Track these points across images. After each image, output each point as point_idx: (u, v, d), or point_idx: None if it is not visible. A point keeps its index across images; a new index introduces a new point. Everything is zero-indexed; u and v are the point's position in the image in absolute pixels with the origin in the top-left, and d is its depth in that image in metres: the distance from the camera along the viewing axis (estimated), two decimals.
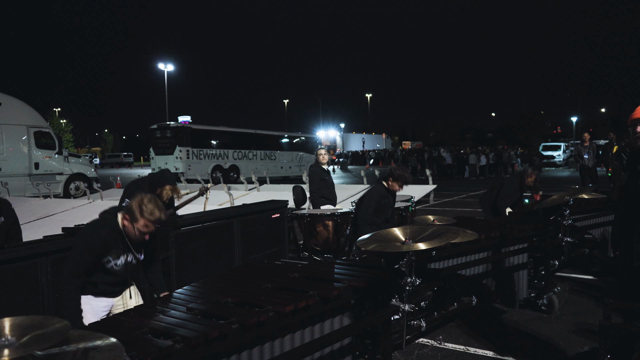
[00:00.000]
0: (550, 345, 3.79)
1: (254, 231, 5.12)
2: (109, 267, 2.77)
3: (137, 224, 2.69)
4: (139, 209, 2.68)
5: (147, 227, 2.70)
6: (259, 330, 2.13)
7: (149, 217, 2.67)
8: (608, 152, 12.14)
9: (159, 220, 2.71)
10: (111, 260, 2.76)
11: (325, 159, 6.63)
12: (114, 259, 2.77)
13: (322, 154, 6.65)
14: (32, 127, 15.26)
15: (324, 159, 6.60)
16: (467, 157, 26.23)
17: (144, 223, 2.68)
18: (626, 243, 2.94)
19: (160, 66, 37.76)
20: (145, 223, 2.68)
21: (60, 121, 54.67)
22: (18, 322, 1.61)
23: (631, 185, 2.97)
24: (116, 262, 2.78)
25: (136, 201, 2.71)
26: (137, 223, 2.69)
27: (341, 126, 69.12)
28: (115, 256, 2.77)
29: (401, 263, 3.05)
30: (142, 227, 2.70)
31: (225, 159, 24.48)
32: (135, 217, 2.69)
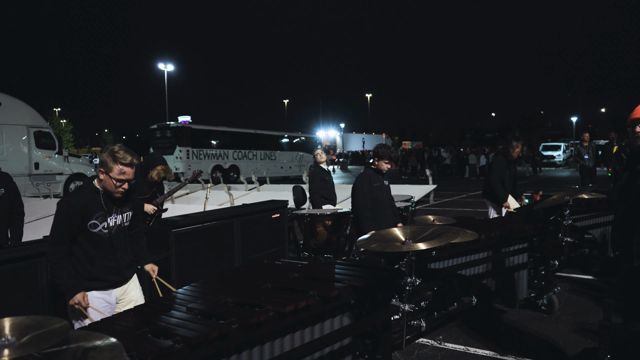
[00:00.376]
0: (550, 345, 3.79)
1: (254, 231, 5.13)
2: (97, 231, 2.74)
3: (112, 173, 2.69)
4: (111, 156, 2.69)
5: (123, 174, 2.70)
6: (259, 330, 2.13)
7: (123, 161, 2.69)
8: (608, 152, 12.15)
9: (132, 163, 2.72)
10: (98, 225, 2.74)
11: (323, 158, 6.63)
12: (100, 222, 2.74)
13: (319, 154, 6.66)
14: (32, 127, 15.26)
15: (321, 158, 6.61)
16: (467, 157, 26.24)
17: (119, 169, 2.69)
18: (626, 243, 2.94)
19: (160, 66, 37.74)
20: (120, 169, 2.69)
21: (60, 121, 54.65)
22: (18, 322, 1.61)
23: (631, 185, 2.97)
24: (103, 225, 2.76)
25: (107, 151, 2.72)
26: (112, 171, 2.69)
27: (341, 126, 69.14)
28: (100, 219, 2.75)
29: (401, 263, 3.05)
30: (118, 174, 2.70)
31: (225, 159, 24.48)
32: (109, 166, 2.69)
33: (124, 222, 2.91)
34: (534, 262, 4.57)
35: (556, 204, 4.54)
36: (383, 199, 4.84)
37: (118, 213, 2.85)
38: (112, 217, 2.81)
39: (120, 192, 2.77)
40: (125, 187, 2.77)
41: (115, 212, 2.84)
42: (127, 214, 2.93)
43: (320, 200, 6.38)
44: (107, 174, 2.72)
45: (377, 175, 4.85)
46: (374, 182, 4.79)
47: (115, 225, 2.84)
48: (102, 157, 2.74)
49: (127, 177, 2.74)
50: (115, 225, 2.83)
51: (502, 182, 5.93)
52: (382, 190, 4.87)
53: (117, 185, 2.73)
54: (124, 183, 2.75)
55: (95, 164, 22.32)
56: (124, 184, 2.75)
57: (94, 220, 2.73)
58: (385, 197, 4.88)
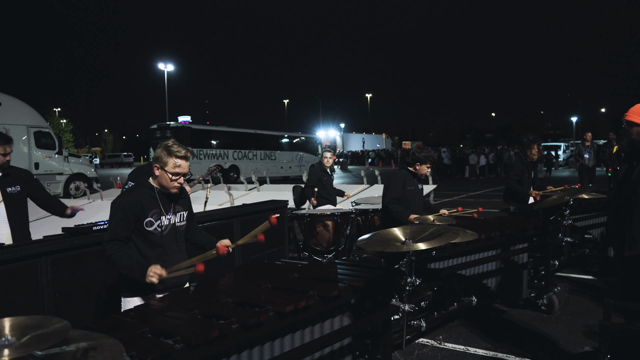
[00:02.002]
0: (550, 345, 3.79)
1: None
2: (152, 229, 2.69)
3: (167, 167, 2.67)
4: (165, 150, 2.68)
5: (178, 167, 2.68)
6: (259, 330, 2.13)
7: (178, 154, 2.67)
8: (607, 152, 12.15)
9: (187, 156, 2.71)
10: (153, 222, 2.69)
11: (329, 163, 6.53)
12: (155, 220, 2.70)
13: (327, 157, 6.54)
14: (32, 127, 15.26)
15: (328, 163, 6.51)
16: (467, 157, 26.24)
17: (173, 163, 2.67)
18: (618, 234, 3.01)
19: (160, 66, 37.77)
20: (175, 162, 2.67)
21: (60, 121, 54.68)
22: (18, 322, 1.61)
23: (626, 179, 3.05)
24: (159, 224, 2.71)
25: (161, 147, 2.71)
26: (168, 165, 2.67)
27: (341, 126, 69.16)
28: (156, 217, 2.71)
29: (401, 263, 3.05)
30: (173, 167, 2.67)
31: (225, 159, 24.49)
32: (164, 160, 2.67)
33: (178, 222, 2.84)
34: (534, 262, 4.58)
35: (556, 204, 4.54)
36: (414, 204, 4.59)
37: (173, 212, 2.80)
38: (167, 216, 2.76)
39: (176, 187, 2.73)
40: (181, 181, 2.74)
41: (171, 211, 2.79)
42: (182, 214, 2.88)
43: (311, 192, 6.33)
44: (162, 169, 2.69)
45: (412, 179, 4.61)
46: (409, 184, 4.56)
47: (170, 225, 2.79)
48: (157, 153, 2.71)
49: (182, 171, 2.72)
50: (169, 224, 2.78)
51: (519, 183, 5.89)
52: (415, 194, 4.65)
53: (173, 179, 2.69)
54: (179, 177, 2.72)
55: (95, 164, 22.33)
56: (180, 178, 2.72)
57: (150, 218, 2.69)
58: (417, 202, 4.63)
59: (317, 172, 6.46)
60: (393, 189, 4.51)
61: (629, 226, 2.92)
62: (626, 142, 3.02)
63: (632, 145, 3.00)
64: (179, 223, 2.85)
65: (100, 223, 3.75)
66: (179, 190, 2.77)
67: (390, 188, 4.54)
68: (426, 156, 4.55)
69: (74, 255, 3.43)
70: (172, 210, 2.80)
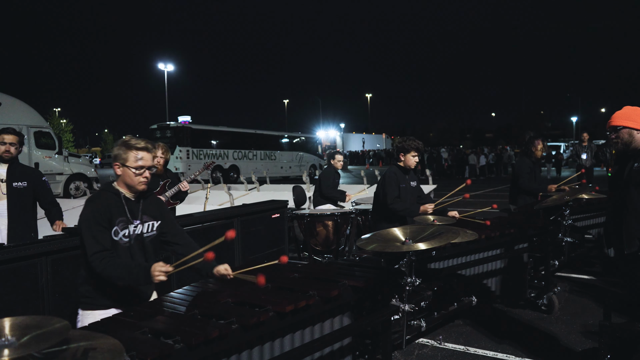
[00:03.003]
0: (550, 345, 3.79)
1: (254, 231, 5.13)
2: (117, 239, 2.47)
3: (129, 162, 2.46)
4: (123, 146, 2.48)
5: (140, 160, 2.47)
6: (259, 330, 2.13)
7: (137, 146, 2.48)
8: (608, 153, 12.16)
9: (147, 147, 2.51)
10: (119, 231, 2.46)
11: (340, 166, 6.51)
12: (121, 229, 2.47)
13: (340, 160, 6.51)
14: (32, 127, 15.25)
15: (340, 166, 6.50)
16: (467, 157, 26.25)
17: (134, 156, 2.46)
18: (616, 234, 3.08)
19: (160, 66, 37.77)
20: (136, 155, 2.47)
21: (60, 121, 54.67)
22: (18, 322, 1.61)
23: (619, 178, 3.10)
24: (124, 233, 2.48)
25: (117, 145, 2.51)
26: (129, 160, 2.46)
27: (341, 126, 69.14)
28: (122, 225, 2.48)
29: (401, 263, 3.06)
30: (135, 161, 2.46)
31: (225, 159, 24.49)
32: (124, 156, 2.47)
33: (146, 232, 2.59)
34: (534, 262, 4.57)
35: (556, 204, 4.54)
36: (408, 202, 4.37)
37: (141, 221, 2.56)
38: (134, 224, 2.53)
39: (142, 183, 2.51)
40: (147, 175, 2.52)
41: (139, 219, 2.55)
42: (151, 224, 2.61)
43: (342, 195, 6.31)
44: (124, 166, 2.48)
45: (403, 175, 4.39)
46: (401, 182, 4.33)
47: (134, 235, 2.54)
48: (114, 151, 2.51)
49: (145, 164, 2.49)
50: (134, 234, 2.54)
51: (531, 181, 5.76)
52: (408, 192, 4.39)
53: (137, 173, 2.47)
54: (144, 170, 2.50)
55: (95, 164, 22.34)
56: (144, 171, 2.50)
57: (116, 227, 2.47)
58: (410, 200, 4.41)
59: (331, 175, 6.44)
60: (390, 188, 4.27)
61: (626, 225, 2.96)
62: (621, 144, 3.08)
63: (626, 146, 3.05)
64: (147, 234, 2.59)
65: None
66: (146, 186, 2.55)
67: (387, 187, 4.30)
68: (409, 144, 4.30)
69: (74, 255, 3.43)
70: (141, 218, 2.56)
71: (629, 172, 3.01)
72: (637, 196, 2.95)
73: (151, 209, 2.63)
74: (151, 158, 2.53)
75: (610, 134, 3.12)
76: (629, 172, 3.01)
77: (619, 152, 3.12)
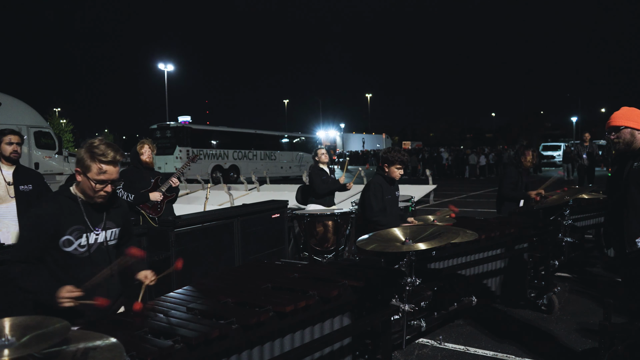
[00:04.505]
0: (550, 345, 3.79)
1: (254, 231, 5.13)
2: (71, 250, 2.23)
3: (90, 173, 2.21)
4: (88, 153, 2.21)
5: (103, 174, 2.22)
6: (259, 330, 2.13)
7: (102, 159, 2.20)
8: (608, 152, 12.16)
9: (115, 160, 2.24)
10: (73, 241, 2.23)
11: (326, 159, 6.32)
12: (76, 238, 2.24)
13: (323, 154, 6.29)
14: (32, 127, 15.25)
15: (325, 158, 6.29)
16: (467, 157, 26.26)
17: (98, 168, 2.21)
18: (616, 233, 3.10)
19: (160, 66, 37.76)
20: (100, 168, 2.21)
21: (60, 121, 54.62)
22: (18, 322, 1.61)
23: (618, 178, 3.11)
24: (80, 243, 2.24)
25: (84, 146, 2.24)
26: (91, 171, 2.21)
27: (341, 126, 69.14)
28: (77, 234, 2.24)
29: (401, 263, 3.06)
30: (97, 174, 2.21)
31: (225, 159, 24.49)
32: (86, 164, 2.21)
33: (109, 239, 2.39)
34: (534, 262, 4.57)
35: (556, 204, 4.54)
36: (392, 214, 4.29)
37: (102, 228, 2.34)
38: (93, 232, 2.31)
39: (101, 197, 2.27)
40: (108, 189, 2.27)
41: (99, 227, 2.33)
42: (114, 231, 2.41)
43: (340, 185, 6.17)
44: (84, 175, 2.23)
45: (389, 186, 4.29)
46: (387, 193, 4.23)
47: (96, 244, 2.31)
48: (79, 154, 2.25)
49: (108, 177, 2.24)
50: (95, 243, 2.31)
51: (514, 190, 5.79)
52: (393, 203, 4.32)
53: (97, 188, 2.23)
54: (105, 185, 2.25)
55: None
56: (106, 185, 2.25)
57: (68, 236, 2.23)
58: (394, 211, 4.34)
59: (317, 171, 6.32)
60: (376, 200, 4.15)
61: (627, 224, 2.98)
62: (622, 144, 3.08)
63: (627, 146, 3.06)
64: (111, 241, 2.40)
65: None
66: (106, 199, 2.31)
67: (372, 199, 4.18)
68: (394, 156, 4.19)
69: None
70: (102, 226, 2.34)
71: (629, 171, 3.02)
72: (637, 195, 2.96)
73: (114, 215, 2.43)
74: (116, 171, 2.27)
75: (610, 134, 3.13)
76: (629, 172, 3.02)
77: (619, 152, 3.13)
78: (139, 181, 4.78)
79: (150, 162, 4.91)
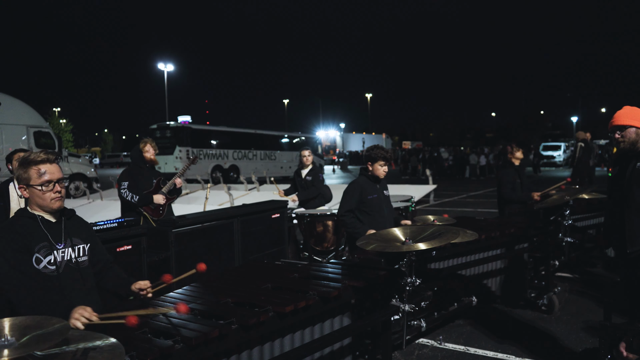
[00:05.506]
0: (550, 345, 3.79)
1: (254, 231, 5.13)
2: (40, 269, 2.15)
3: (32, 180, 2.18)
4: (22, 165, 2.20)
5: (44, 175, 2.18)
6: (259, 330, 2.13)
7: (36, 159, 2.19)
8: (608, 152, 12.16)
9: (49, 159, 2.21)
10: (41, 259, 2.16)
11: (309, 161, 6.18)
12: (44, 255, 2.17)
13: (305, 155, 6.16)
14: (32, 127, 15.25)
15: (307, 161, 6.17)
16: (468, 157, 26.27)
17: (37, 171, 2.18)
18: (618, 233, 3.09)
19: (160, 66, 37.76)
20: (38, 169, 2.19)
21: (60, 121, 54.62)
22: (18, 322, 1.61)
23: (620, 179, 3.11)
24: (49, 260, 2.17)
25: (17, 166, 2.24)
26: (32, 179, 2.18)
27: (341, 126, 69.14)
28: (44, 252, 2.18)
29: (401, 263, 3.05)
30: (38, 177, 2.18)
31: (225, 159, 24.48)
32: (25, 176, 2.19)
33: (78, 257, 2.29)
34: (534, 262, 4.57)
35: (556, 204, 4.54)
36: (381, 214, 4.07)
37: (67, 245, 2.26)
38: (59, 249, 2.23)
39: (56, 198, 2.22)
40: (59, 189, 2.22)
41: (64, 244, 2.25)
42: (81, 247, 2.32)
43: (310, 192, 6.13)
44: (29, 186, 2.19)
45: (372, 184, 4.13)
46: (369, 193, 4.05)
47: (64, 262, 2.23)
48: (16, 172, 2.24)
49: (52, 177, 2.20)
50: (64, 261, 2.23)
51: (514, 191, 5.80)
52: (381, 203, 4.12)
53: (45, 191, 2.18)
54: (52, 185, 2.20)
55: (95, 164, 22.34)
56: (53, 185, 2.20)
57: (37, 254, 2.15)
58: (384, 211, 4.11)
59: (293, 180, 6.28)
60: (346, 201, 4.05)
61: (629, 224, 2.97)
62: (627, 143, 3.07)
63: (632, 145, 3.05)
64: (81, 258, 2.31)
65: (100, 223, 3.75)
66: (62, 202, 2.26)
67: (344, 199, 4.08)
68: (376, 153, 4.08)
69: None
70: (68, 243, 2.27)
71: (632, 171, 3.01)
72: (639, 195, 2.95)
73: (77, 230, 2.36)
74: (58, 169, 2.24)
75: (614, 133, 3.10)
76: (631, 172, 3.01)
77: (622, 151, 3.12)
78: (141, 180, 4.80)
79: (155, 160, 4.96)
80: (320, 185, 6.22)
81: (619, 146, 3.10)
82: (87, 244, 2.37)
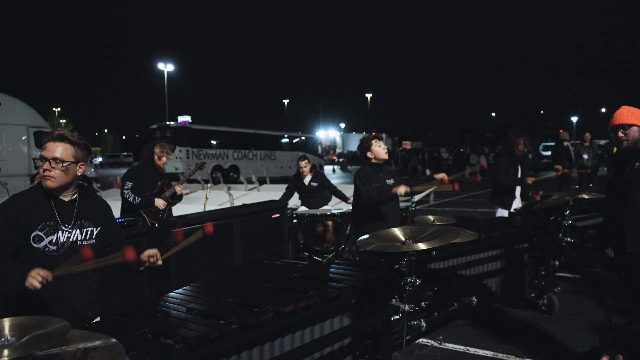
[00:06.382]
0: (550, 345, 3.79)
1: (254, 231, 5.12)
2: (41, 247, 2.13)
3: (45, 152, 2.16)
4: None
5: (44, 150, 2.18)
6: (259, 330, 2.13)
7: (51, 134, 2.22)
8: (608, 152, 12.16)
9: (59, 136, 2.20)
10: (43, 238, 2.13)
11: (303, 171, 6.32)
12: (46, 235, 2.14)
13: (302, 166, 6.31)
14: (32, 127, 15.24)
15: (305, 172, 6.33)
16: (468, 157, 26.28)
17: (45, 146, 2.20)
18: (617, 234, 3.09)
19: (160, 66, 37.74)
20: (48, 144, 2.18)
21: (60, 121, 54.60)
22: (18, 322, 1.61)
23: (618, 180, 3.11)
24: (51, 240, 2.15)
25: None
26: (45, 150, 2.17)
27: (341, 126, 69.15)
28: (47, 231, 2.15)
29: (401, 263, 3.06)
30: (48, 151, 2.16)
31: (225, 159, 24.48)
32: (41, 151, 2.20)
33: (84, 239, 2.26)
34: (534, 262, 4.57)
35: (556, 204, 4.54)
36: (385, 205, 4.09)
37: (76, 227, 2.23)
38: (65, 230, 2.20)
39: (45, 177, 2.16)
40: (48, 167, 2.15)
41: (69, 224, 2.22)
42: (90, 230, 2.29)
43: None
44: (43, 160, 2.19)
45: (376, 173, 4.11)
46: (373, 181, 4.05)
47: (68, 243, 2.20)
48: None
49: (47, 154, 2.15)
50: (67, 242, 2.20)
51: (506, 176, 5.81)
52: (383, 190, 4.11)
53: (40, 165, 2.17)
54: (45, 162, 2.15)
55: (95, 164, 22.34)
56: (45, 162, 2.15)
57: (38, 232, 2.13)
58: (389, 203, 4.12)
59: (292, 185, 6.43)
60: (363, 183, 4.01)
61: (628, 224, 2.97)
62: (630, 142, 3.06)
63: (634, 144, 3.05)
64: (86, 241, 2.27)
65: None
66: (52, 182, 2.17)
67: (359, 184, 4.05)
68: (366, 139, 4.19)
69: None
70: (76, 224, 2.23)
71: (631, 171, 3.01)
72: (639, 195, 2.95)
73: (91, 213, 2.31)
74: (62, 149, 2.18)
75: (617, 132, 3.09)
76: (630, 171, 3.01)
77: (623, 151, 3.11)
78: (146, 181, 4.79)
79: (163, 169, 4.91)
80: (331, 185, 6.49)
81: (621, 145, 3.09)
82: (97, 227, 2.33)
